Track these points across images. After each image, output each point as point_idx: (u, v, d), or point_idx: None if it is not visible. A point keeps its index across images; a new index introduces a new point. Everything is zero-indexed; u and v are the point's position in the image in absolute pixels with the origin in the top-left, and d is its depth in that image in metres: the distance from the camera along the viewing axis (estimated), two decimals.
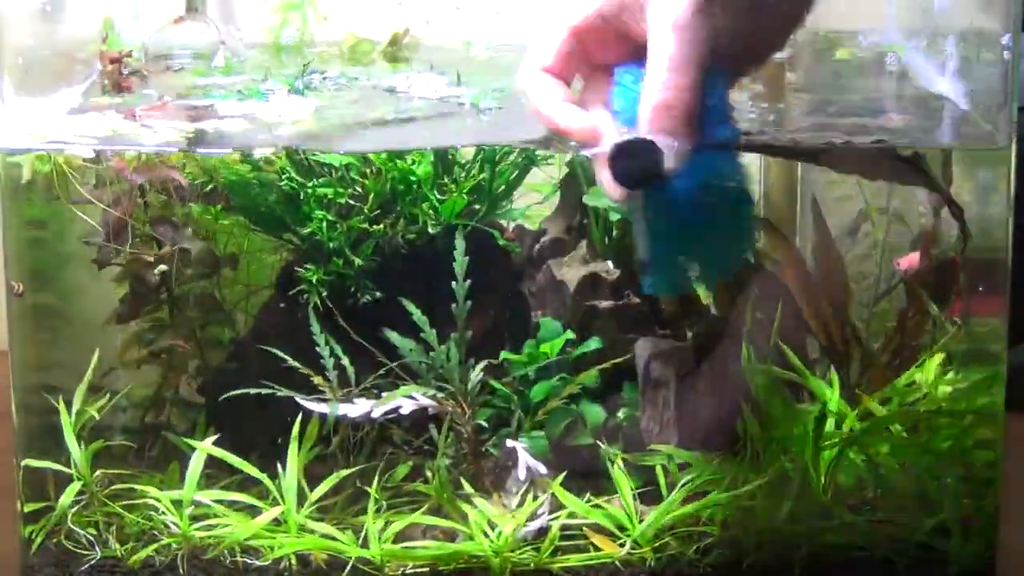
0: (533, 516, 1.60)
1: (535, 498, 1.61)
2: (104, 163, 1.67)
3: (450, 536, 1.62)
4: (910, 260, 1.74)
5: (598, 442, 1.67)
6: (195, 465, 1.63)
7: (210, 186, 1.73)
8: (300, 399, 1.62)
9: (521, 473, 1.61)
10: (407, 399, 1.62)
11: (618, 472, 1.63)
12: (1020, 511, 1.68)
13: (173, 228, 1.74)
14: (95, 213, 1.72)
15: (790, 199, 1.96)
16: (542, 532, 1.60)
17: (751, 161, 1.62)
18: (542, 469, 1.61)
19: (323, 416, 1.63)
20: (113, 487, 1.67)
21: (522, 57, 1.42)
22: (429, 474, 1.65)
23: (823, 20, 1.85)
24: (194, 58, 1.81)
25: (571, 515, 1.62)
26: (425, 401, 1.63)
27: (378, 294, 1.71)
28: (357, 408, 1.61)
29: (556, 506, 1.63)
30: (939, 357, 1.69)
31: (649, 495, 1.64)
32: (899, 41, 1.85)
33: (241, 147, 1.67)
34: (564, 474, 1.65)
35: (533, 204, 1.85)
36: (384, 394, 1.63)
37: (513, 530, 1.59)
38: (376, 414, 1.61)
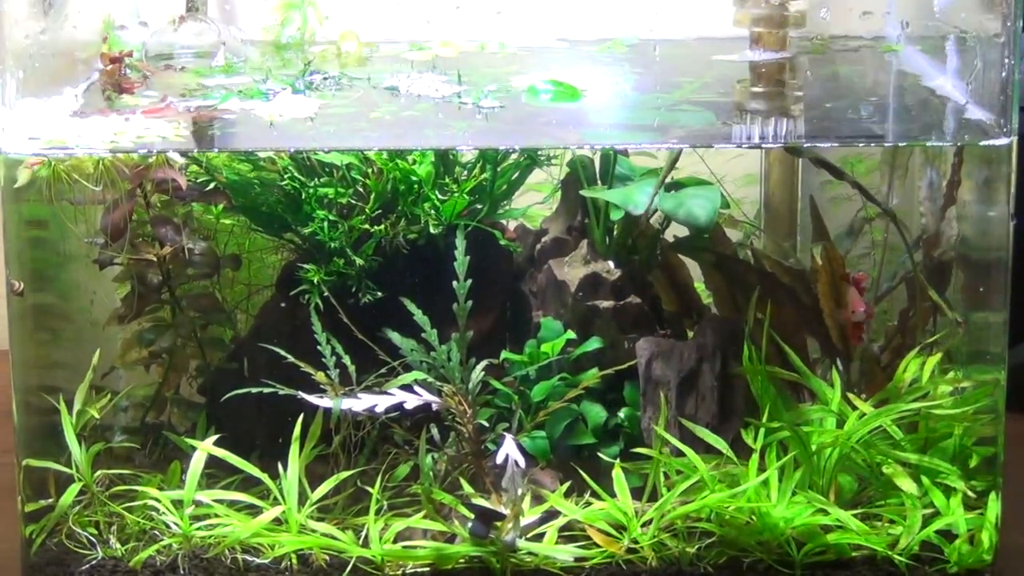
0: (516, 520, 1.60)
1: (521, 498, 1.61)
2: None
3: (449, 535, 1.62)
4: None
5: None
6: (196, 465, 1.63)
7: (211, 185, 1.73)
8: (304, 396, 1.62)
9: (499, 457, 1.61)
10: (410, 393, 1.62)
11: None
12: (1020, 511, 1.68)
13: (177, 229, 1.74)
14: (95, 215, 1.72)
15: (790, 199, 1.97)
16: (527, 530, 1.61)
17: None
18: (521, 462, 1.61)
19: (327, 411, 1.63)
20: (115, 488, 1.67)
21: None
22: (428, 473, 1.65)
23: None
24: (196, 57, 1.81)
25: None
26: (428, 397, 1.63)
27: (379, 294, 1.71)
28: (361, 403, 1.61)
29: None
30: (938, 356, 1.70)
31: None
32: (898, 41, 1.86)
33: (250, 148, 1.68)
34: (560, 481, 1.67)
35: (534, 204, 1.86)
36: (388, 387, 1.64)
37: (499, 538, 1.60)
38: (380, 409, 1.61)
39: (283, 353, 1.66)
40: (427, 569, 1.60)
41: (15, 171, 1.61)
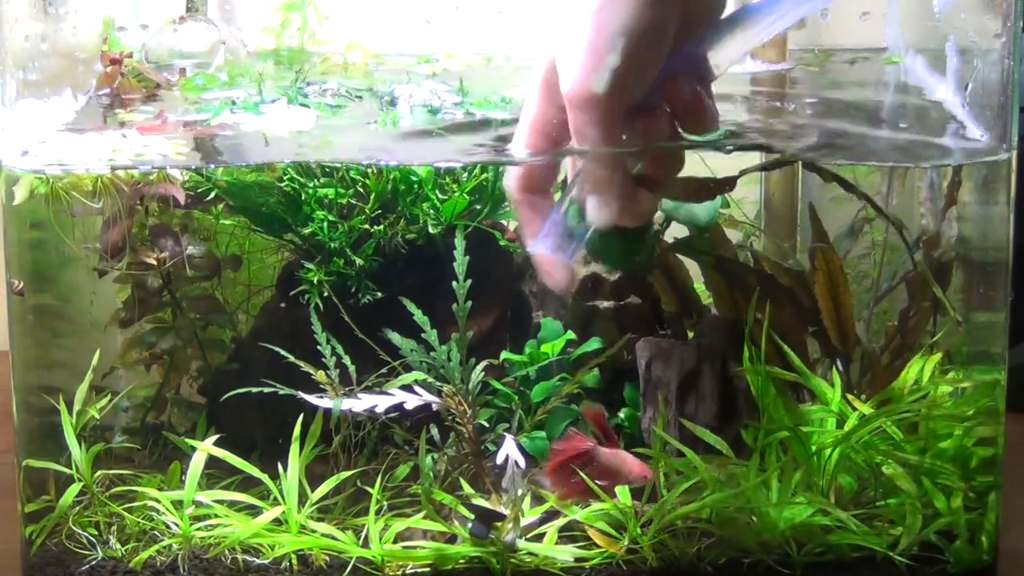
0: (516, 520, 1.60)
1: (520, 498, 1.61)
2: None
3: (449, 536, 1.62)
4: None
5: None
6: (195, 465, 1.63)
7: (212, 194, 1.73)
8: (304, 396, 1.62)
9: (499, 458, 1.61)
10: (410, 393, 1.62)
11: None
12: (1021, 512, 1.68)
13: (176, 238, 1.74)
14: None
15: (790, 200, 1.97)
16: (527, 531, 1.61)
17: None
18: (521, 462, 1.61)
19: (327, 411, 1.63)
20: (115, 488, 1.67)
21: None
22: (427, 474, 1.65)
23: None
24: (195, 59, 1.81)
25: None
26: (428, 397, 1.63)
27: (379, 294, 1.71)
28: (361, 403, 1.61)
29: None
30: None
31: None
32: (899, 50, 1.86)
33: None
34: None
35: None
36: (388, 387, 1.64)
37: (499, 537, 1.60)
38: (380, 409, 1.61)
39: (283, 353, 1.66)
40: (427, 569, 1.60)
41: (15, 173, 1.61)
